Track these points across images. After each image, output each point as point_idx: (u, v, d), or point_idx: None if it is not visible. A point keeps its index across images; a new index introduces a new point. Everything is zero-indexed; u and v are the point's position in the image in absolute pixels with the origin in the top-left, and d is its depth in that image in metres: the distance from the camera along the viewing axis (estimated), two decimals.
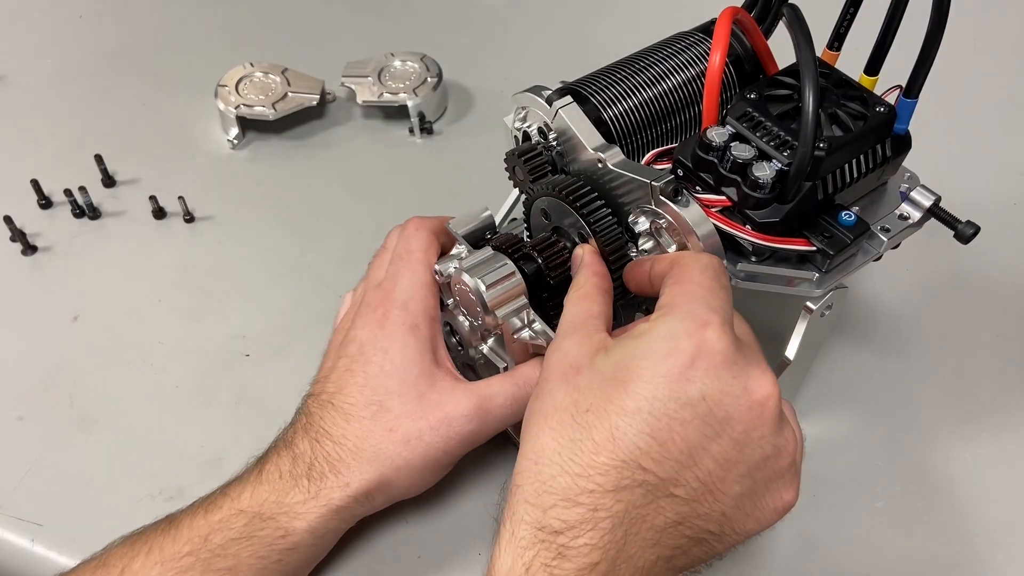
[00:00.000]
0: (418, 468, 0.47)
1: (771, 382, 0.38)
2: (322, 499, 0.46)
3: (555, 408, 0.39)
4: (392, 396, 0.47)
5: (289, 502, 0.45)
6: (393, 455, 0.46)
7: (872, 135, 0.46)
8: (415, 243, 0.52)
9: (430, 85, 0.78)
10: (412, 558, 0.51)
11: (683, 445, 0.37)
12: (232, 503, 0.46)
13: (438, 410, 0.47)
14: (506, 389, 0.48)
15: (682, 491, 0.37)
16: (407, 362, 0.48)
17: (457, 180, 0.74)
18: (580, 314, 0.44)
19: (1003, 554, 0.52)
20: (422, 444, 0.47)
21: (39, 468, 0.56)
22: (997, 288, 0.66)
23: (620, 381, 0.38)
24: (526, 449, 0.39)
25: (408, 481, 0.48)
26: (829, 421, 0.58)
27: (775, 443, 0.39)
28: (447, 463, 0.49)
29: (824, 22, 0.50)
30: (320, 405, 0.48)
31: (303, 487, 0.46)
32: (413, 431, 0.47)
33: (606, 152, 0.47)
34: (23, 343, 0.62)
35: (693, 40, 0.53)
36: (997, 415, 0.59)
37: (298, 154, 0.76)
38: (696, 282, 0.40)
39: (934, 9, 0.43)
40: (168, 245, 0.69)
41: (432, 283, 0.51)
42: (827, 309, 0.48)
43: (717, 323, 0.38)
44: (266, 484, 0.46)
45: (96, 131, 0.77)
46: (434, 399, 0.47)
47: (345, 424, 0.47)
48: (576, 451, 0.37)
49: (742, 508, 0.39)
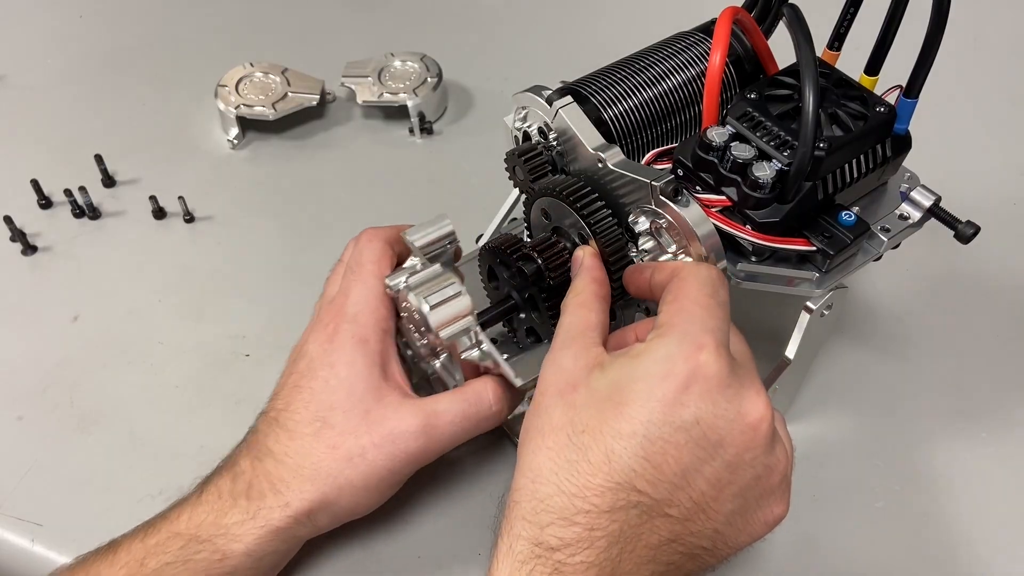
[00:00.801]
0: (361, 487, 0.46)
1: (764, 404, 0.39)
2: (260, 520, 0.44)
3: (552, 427, 0.39)
4: (336, 412, 0.46)
5: (226, 523, 0.44)
6: (335, 473, 0.45)
7: (872, 135, 0.46)
8: (367, 255, 0.51)
9: (430, 85, 0.78)
10: (412, 558, 0.51)
11: (677, 468, 0.37)
12: (170, 525, 0.45)
13: (383, 427, 0.46)
14: (455, 406, 0.47)
15: (675, 511, 0.38)
16: (353, 377, 0.47)
17: (457, 180, 0.74)
18: (577, 324, 0.43)
19: (1003, 554, 0.52)
20: (365, 462, 0.45)
21: (39, 468, 0.56)
22: (997, 288, 0.66)
23: (616, 403, 0.38)
24: (523, 466, 0.40)
25: (352, 500, 0.46)
26: (829, 421, 0.58)
27: (767, 463, 0.39)
28: (393, 482, 0.48)
29: (824, 22, 0.50)
30: (267, 423, 0.47)
31: (241, 507, 0.44)
32: (356, 448, 0.45)
33: (606, 152, 0.47)
34: (23, 343, 0.62)
35: (693, 40, 0.53)
36: (997, 415, 0.59)
37: (298, 154, 0.76)
38: (693, 299, 0.40)
39: (934, 9, 0.43)
40: (168, 245, 0.69)
41: (384, 296, 0.50)
42: (827, 309, 0.48)
43: (712, 346, 0.38)
44: (205, 505, 0.45)
45: (96, 131, 0.77)
46: (379, 415, 0.46)
47: (288, 441, 0.46)
48: (572, 472, 0.38)
49: (734, 524, 0.39)
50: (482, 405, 0.48)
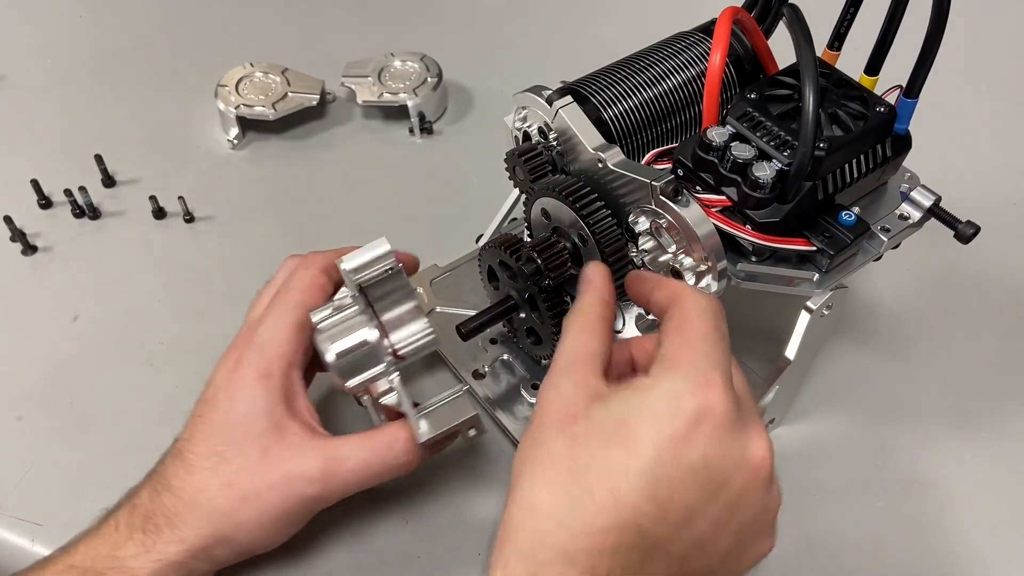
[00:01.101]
0: (256, 526, 0.45)
1: (768, 444, 0.39)
2: (155, 554, 0.43)
3: (552, 460, 0.38)
4: (234, 448, 0.44)
5: (122, 556, 0.43)
6: (229, 511, 0.44)
7: (872, 135, 0.46)
8: (295, 281, 0.49)
9: (430, 85, 0.78)
10: (412, 558, 0.51)
11: (682, 508, 0.37)
12: (67, 557, 0.44)
13: (280, 468, 0.44)
14: (359, 453, 0.45)
15: (676, 549, 0.37)
16: (254, 412, 0.45)
17: (457, 180, 0.74)
18: (579, 349, 0.42)
19: (1003, 554, 0.52)
20: (260, 502, 0.44)
21: (39, 468, 0.56)
22: (997, 288, 0.66)
23: (622, 440, 0.37)
24: (521, 499, 0.38)
25: (249, 538, 0.45)
26: (829, 421, 0.58)
27: (765, 503, 0.39)
28: (291, 522, 0.46)
29: (824, 22, 0.50)
30: (172, 454, 0.46)
31: (137, 540, 0.43)
32: (251, 489, 0.44)
33: (606, 152, 0.47)
34: (23, 343, 0.62)
35: (693, 40, 0.53)
36: (997, 415, 0.59)
37: (298, 154, 0.76)
38: (699, 333, 0.39)
39: (934, 9, 0.43)
40: (168, 245, 0.69)
41: (302, 327, 0.47)
42: (827, 309, 0.48)
43: (720, 384, 0.37)
44: (102, 537, 0.44)
45: (96, 131, 0.77)
46: (277, 456, 0.44)
47: (186, 475, 0.45)
48: (575, 508, 0.37)
49: (727, 561, 0.39)
50: (390, 454, 0.46)
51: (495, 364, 0.59)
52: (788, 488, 0.55)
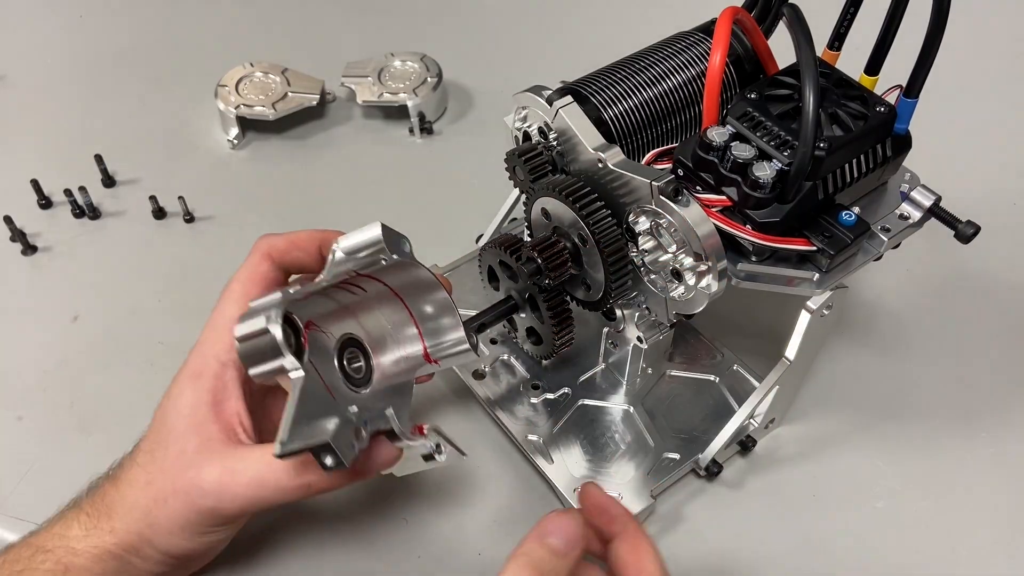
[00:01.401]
0: (166, 531, 0.43)
1: None
2: (93, 539, 0.43)
3: None
4: (160, 447, 0.43)
5: (69, 536, 0.43)
6: (146, 511, 0.43)
7: (872, 135, 0.46)
8: (241, 272, 0.47)
9: (430, 85, 0.78)
10: (412, 558, 0.51)
11: None
12: (30, 536, 0.44)
13: (185, 474, 0.42)
14: (254, 467, 0.41)
15: None
16: (181, 412, 0.43)
17: (457, 180, 0.74)
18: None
19: (1003, 554, 0.52)
20: (167, 507, 0.42)
21: (39, 468, 0.56)
22: (997, 288, 0.66)
23: None
24: None
25: (166, 542, 0.43)
26: (829, 421, 0.58)
27: None
28: (196, 531, 0.43)
29: (824, 22, 0.50)
30: (135, 445, 0.46)
31: (82, 523, 0.43)
32: (163, 490, 0.42)
33: (606, 152, 0.47)
34: (23, 343, 0.62)
35: (693, 40, 0.53)
36: (997, 415, 0.59)
37: (298, 154, 0.76)
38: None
39: (934, 9, 0.43)
40: (168, 245, 0.69)
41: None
42: (827, 309, 0.48)
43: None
44: (64, 518, 0.44)
45: (96, 131, 0.77)
46: (187, 460, 0.42)
47: (129, 469, 0.44)
48: None
49: None
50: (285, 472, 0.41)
51: (495, 364, 0.59)
52: (788, 488, 0.55)
